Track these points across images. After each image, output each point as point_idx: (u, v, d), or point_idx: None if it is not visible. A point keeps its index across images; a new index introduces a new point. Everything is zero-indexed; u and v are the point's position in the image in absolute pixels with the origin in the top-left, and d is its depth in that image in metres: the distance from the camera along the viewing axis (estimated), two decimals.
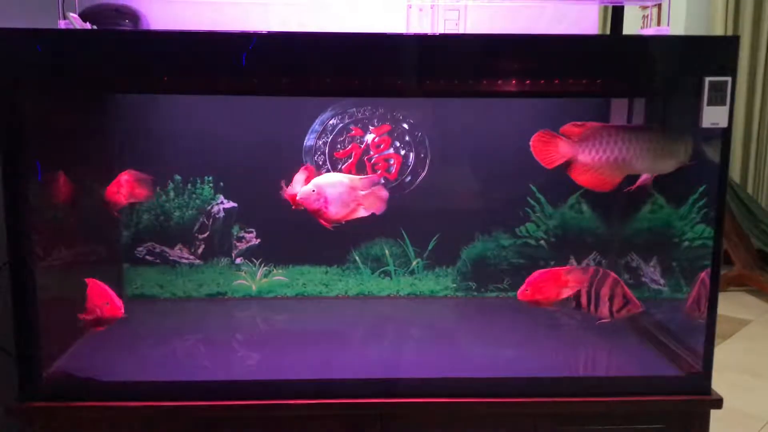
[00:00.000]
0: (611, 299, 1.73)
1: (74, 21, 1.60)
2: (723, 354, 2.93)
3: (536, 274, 1.77)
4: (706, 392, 1.63)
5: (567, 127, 1.66)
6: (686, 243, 1.82)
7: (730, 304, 3.70)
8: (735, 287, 4.00)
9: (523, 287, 1.76)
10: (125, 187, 1.86)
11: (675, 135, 1.68)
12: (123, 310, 1.68)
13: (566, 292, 1.75)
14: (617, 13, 1.97)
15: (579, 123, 1.65)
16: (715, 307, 1.61)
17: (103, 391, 1.57)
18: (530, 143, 1.68)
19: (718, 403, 1.62)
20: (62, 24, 1.59)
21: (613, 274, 1.77)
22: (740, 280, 4.01)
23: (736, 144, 4.43)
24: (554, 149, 1.66)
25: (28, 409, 1.54)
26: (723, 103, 1.50)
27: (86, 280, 1.68)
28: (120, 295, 2.11)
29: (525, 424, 1.62)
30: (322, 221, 1.71)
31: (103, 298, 1.66)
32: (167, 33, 1.65)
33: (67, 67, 1.49)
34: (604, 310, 1.73)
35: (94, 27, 1.68)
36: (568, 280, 1.75)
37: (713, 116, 1.51)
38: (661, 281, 1.94)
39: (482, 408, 1.60)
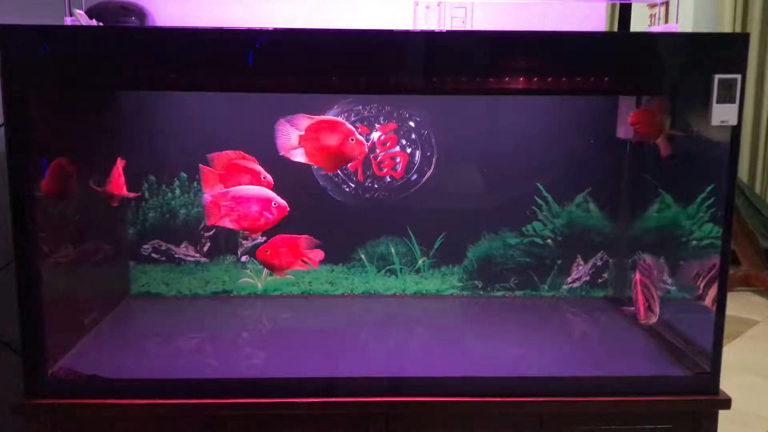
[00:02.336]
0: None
1: (80, 18, 1.60)
2: (730, 354, 2.92)
3: (279, 237, 1.73)
4: (714, 392, 1.62)
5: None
6: (694, 242, 1.81)
7: (738, 305, 3.68)
8: (742, 287, 3.98)
9: (263, 246, 1.73)
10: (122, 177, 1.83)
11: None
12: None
13: (303, 265, 1.71)
14: (625, 11, 1.96)
15: None
16: (724, 306, 1.59)
17: (108, 389, 1.57)
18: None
19: (726, 403, 1.61)
20: (69, 21, 1.59)
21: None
22: (747, 280, 3.99)
23: (744, 143, 4.41)
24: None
25: (34, 405, 1.54)
26: (732, 101, 1.49)
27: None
28: (126, 293, 2.12)
29: (532, 423, 1.61)
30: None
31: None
32: (173, 30, 1.64)
33: (73, 64, 1.49)
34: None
35: (101, 24, 1.68)
36: (306, 254, 1.71)
37: (723, 114, 1.50)
38: (669, 280, 1.93)
39: (488, 407, 1.59)
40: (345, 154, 1.61)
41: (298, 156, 1.61)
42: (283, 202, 1.63)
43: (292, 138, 1.60)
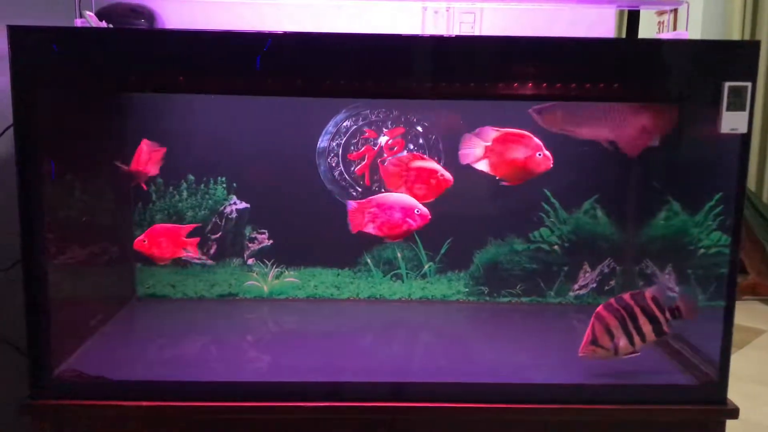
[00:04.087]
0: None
1: (90, 19, 1.61)
2: (737, 363, 2.89)
3: (157, 226, 1.79)
4: (721, 402, 1.60)
5: None
6: (702, 251, 1.80)
7: (744, 314, 3.66)
8: (749, 296, 3.95)
9: (141, 237, 1.75)
10: (149, 157, 1.87)
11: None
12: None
13: (184, 253, 1.71)
14: (633, 18, 1.95)
15: None
16: (732, 315, 1.58)
17: (113, 390, 1.57)
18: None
19: (733, 413, 1.59)
20: (79, 22, 1.60)
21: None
22: (755, 289, 3.96)
23: (753, 151, 4.38)
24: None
25: (40, 406, 1.55)
26: (742, 109, 1.48)
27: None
28: (132, 295, 2.12)
29: (537, 430, 1.60)
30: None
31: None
32: (183, 32, 1.65)
33: (83, 66, 1.49)
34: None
35: (110, 26, 1.69)
36: (186, 242, 1.71)
37: (732, 122, 1.49)
38: (677, 289, 1.92)
39: (494, 414, 1.58)
40: (531, 167, 1.63)
41: (482, 166, 1.63)
42: (425, 210, 1.67)
43: (478, 149, 1.63)
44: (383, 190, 2.12)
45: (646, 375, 1.71)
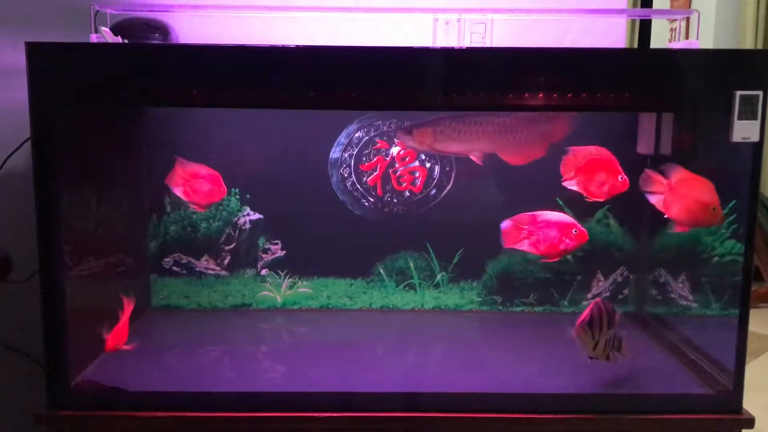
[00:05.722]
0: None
1: (106, 35, 1.63)
2: (753, 372, 2.87)
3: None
4: (737, 411, 1.59)
5: None
6: (716, 258, 1.79)
7: (761, 321, 3.62)
8: (765, 304, 3.92)
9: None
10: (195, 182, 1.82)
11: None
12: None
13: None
14: (645, 27, 1.95)
15: None
16: (746, 324, 1.58)
17: (129, 401, 1.59)
18: None
19: (749, 422, 1.58)
20: (94, 38, 1.62)
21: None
22: None
23: (766, 157, 4.35)
24: None
25: (57, 417, 1.56)
26: (754, 118, 1.48)
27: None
28: (147, 306, 2.14)
29: None
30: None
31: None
32: (197, 47, 1.67)
33: (99, 81, 1.52)
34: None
35: (126, 41, 1.71)
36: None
37: (744, 131, 1.49)
38: (690, 297, 1.91)
39: (509, 424, 1.58)
40: (613, 188, 1.67)
41: (572, 185, 1.66)
42: (583, 229, 1.64)
43: (570, 166, 1.67)
44: (395, 200, 2.13)
45: (661, 384, 1.70)
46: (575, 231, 1.63)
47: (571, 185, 1.68)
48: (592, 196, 1.69)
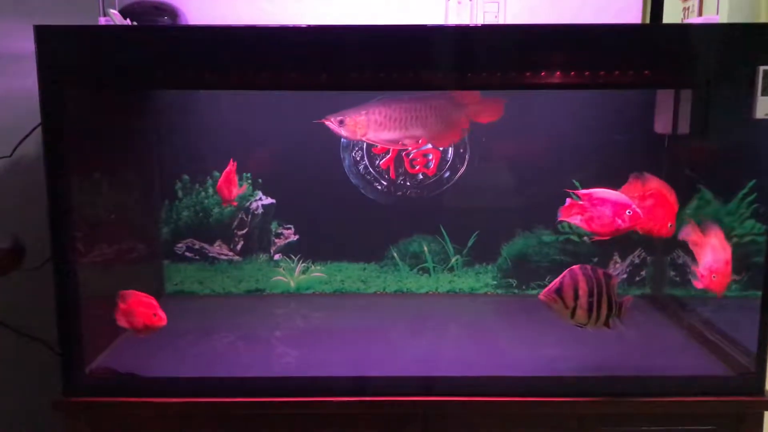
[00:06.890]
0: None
1: (114, 17, 1.61)
2: None
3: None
4: (759, 393, 1.57)
5: None
6: (735, 239, 1.76)
7: None
8: None
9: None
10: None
11: None
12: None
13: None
14: (657, 4, 1.91)
15: None
16: None
17: (144, 387, 1.58)
18: None
19: None
20: (103, 20, 1.60)
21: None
22: None
23: None
24: None
25: (72, 403, 1.56)
26: None
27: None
28: (161, 292, 2.13)
29: (570, 424, 1.58)
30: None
31: (150, 308, 1.65)
32: (207, 28, 1.65)
33: (108, 63, 1.50)
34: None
35: (134, 23, 1.69)
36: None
37: (767, 106, 1.46)
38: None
39: (525, 407, 1.57)
40: (659, 231, 1.66)
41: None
42: (638, 210, 1.59)
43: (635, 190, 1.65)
44: (408, 183, 2.10)
45: (680, 366, 1.68)
46: (629, 212, 1.59)
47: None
48: (639, 228, 1.64)
